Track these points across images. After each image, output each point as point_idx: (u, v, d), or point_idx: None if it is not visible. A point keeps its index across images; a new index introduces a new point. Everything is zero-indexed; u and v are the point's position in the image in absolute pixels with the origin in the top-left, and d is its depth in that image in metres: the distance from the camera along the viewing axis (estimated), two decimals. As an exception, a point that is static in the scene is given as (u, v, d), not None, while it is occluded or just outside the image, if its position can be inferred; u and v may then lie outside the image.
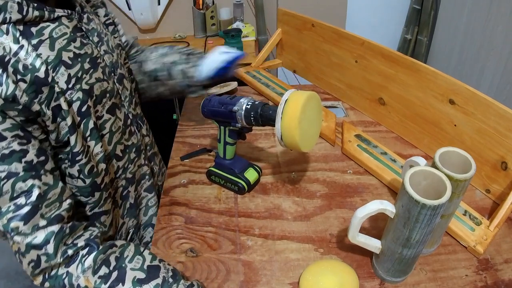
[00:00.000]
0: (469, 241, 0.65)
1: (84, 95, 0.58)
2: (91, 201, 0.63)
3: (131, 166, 0.73)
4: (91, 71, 0.60)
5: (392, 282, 0.60)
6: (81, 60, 0.58)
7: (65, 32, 0.56)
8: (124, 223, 0.74)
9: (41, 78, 0.51)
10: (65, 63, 0.55)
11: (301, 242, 0.68)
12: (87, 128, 0.60)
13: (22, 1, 0.50)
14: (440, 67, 0.84)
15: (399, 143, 0.93)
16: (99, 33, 0.65)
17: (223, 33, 1.81)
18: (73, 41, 0.57)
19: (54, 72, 0.53)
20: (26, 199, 0.49)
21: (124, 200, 0.73)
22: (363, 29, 2.26)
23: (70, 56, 0.56)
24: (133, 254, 0.56)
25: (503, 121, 0.69)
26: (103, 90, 0.62)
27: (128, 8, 1.98)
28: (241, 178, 0.78)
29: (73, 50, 0.57)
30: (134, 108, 0.75)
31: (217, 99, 0.73)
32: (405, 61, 0.85)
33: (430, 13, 2.03)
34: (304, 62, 1.19)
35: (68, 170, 0.59)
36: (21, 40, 0.50)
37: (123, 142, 0.69)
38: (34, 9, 0.51)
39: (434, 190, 0.52)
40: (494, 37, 1.62)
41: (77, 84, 0.57)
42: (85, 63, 0.59)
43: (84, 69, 0.58)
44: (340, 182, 0.82)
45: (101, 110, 0.63)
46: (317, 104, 0.67)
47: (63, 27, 0.56)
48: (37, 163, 0.51)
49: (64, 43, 0.56)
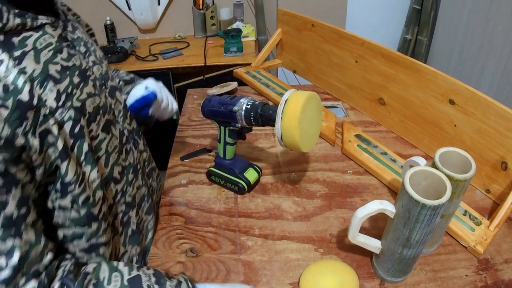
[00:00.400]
0: (469, 241, 0.65)
1: (76, 114, 0.51)
2: (87, 232, 0.55)
3: (130, 188, 0.65)
4: (82, 86, 0.53)
5: (392, 282, 0.60)
6: (70, 73, 0.51)
7: (50, 42, 0.49)
8: (126, 252, 0.65)
9: (24, 101, 0.44)
10: (53, 78, 0.48)
11: (301, 242, 0.68)
12: (81, 152, 0.52)
13: (1, 7, 0.44)
14: (440, 67, 0.84)
15: (399, 143, 0.93)
16: (86, 42, 0.58)
17: (223, 33, 1.81)
18: (59, 52, 0.50)
19: (41, 89, 0.46)
20: (7, 260, 0.43)
21: (125, 227, 0.64)
22: (363, 29, 2.26)
23: (57, 69, 0.49)
24: (109, 273, 0.51)
25: (503, 121, 0.69)
26: (95, 106, 0.55)
27: (128, 8, 1.98)
28: (241, 178, 0.78)
29: (60, 62, 0.50)
30: (129, 123, 0.68)
31: (217, 99, 0.73)
32: (405, 61, 0.85)
33: (430, 13, 2.03)
34: (304, 62, 1.19)
35: (59, 202, 0.51)
36: (0, 53, 0.43)
37: (120, 163, 0.62)
38: (16, 16, 0.45)
39: (434, 190, 0.52)
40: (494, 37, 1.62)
41: (68, 101, 0.50)
42: (75, 76, 0.52)
43: (74, 84, 0.51)
44: (340, 182, 0.82)
45: (96, 129, 0.56)
46: (317, 104, 0.67)
47: (48, 37, 0.49)
48: (18, 217, 0.44)
49: (50, 54, 0.49)
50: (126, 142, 0.65)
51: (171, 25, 2.09)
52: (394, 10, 2.23)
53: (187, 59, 1.85)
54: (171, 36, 2.10)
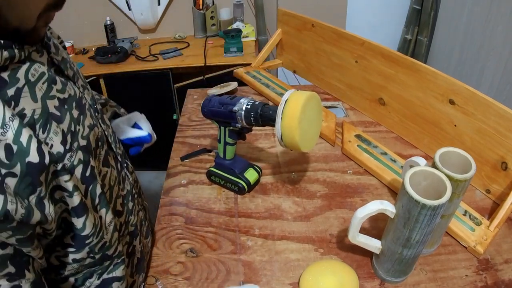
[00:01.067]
0: (469, 241, 0.65)
1: (84, 155, 0.44)
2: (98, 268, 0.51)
3: (132, 217, 0.59)
4: (82, 119, 0.46)
5: (392, 282, 0.60)
6: (68, 107, 0.44)
7: (42, 72, 0.41)
8: (135, 282, 0.61)
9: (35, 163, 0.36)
10: (55, 117, 0.41)
11: (301, 243, 0.68)
12: (95, 195, 0.46)
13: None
14: (440, 67, 0.84)
15: (399, 143, 0.93)
16: (70, 62, 0.51)
17: (223, 33, 1.81)
18: (53, 82, 0.43)
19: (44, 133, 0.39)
20: None
21: (131, 257, 0.59)
22: (363, 29, 2.25)
23: (56, 105, 0.42)
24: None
25: (503, 121, 0.69)
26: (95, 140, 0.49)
27: (128, 8, 1.98)
28: (241, 178, 0.78)
29: (57, 95, 0.42)
30: (119, 147, 0.61)
31: (217, 99, 0.73)
32: (405, 61, 0.85)
33: (430, 13, 2.03)
34: (304, 62, 1.19)
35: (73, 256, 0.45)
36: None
37: (120, 194, 0.56)
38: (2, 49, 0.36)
39: (434, 190, 0.52)
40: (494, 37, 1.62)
41: (74, 142, 0.43)
42: (73, 110, 0.45)
43: (74, 119, 0.44)
44: (340, 182, 0.82)
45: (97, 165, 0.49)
46: (317, 104, 0.67)
47: (38, 66, 0.41)
48: None
49: (45, 87, 0.41)
50: (121, 169, 0.59)
51: (171, 25, 2.10)
52: (394, 10, 2.23)
53: (187, 59, 1.85)
54: (171, 36, 2.10)
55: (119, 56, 1.82)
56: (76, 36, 2.03)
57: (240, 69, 1.27)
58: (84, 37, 2.06)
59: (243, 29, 1.96)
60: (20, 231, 0.35)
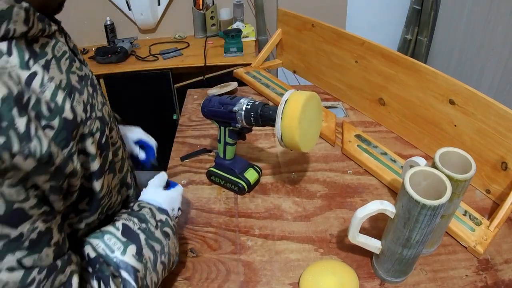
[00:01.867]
0: (469, 241, 0.65)
1: (101, 124, 0.49)
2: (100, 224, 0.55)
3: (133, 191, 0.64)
4: (95, 95, 0.51)
5: (392, 282, 0.60)
6: (85, 83, 0.49)
7: (65, 51, 0.46)
8: None
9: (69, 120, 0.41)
10: (77, 88, 0.46)
11: (301, 243, 0.68)
12: (106, 161, 0.51)
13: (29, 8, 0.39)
14: (440, 68, 0.84)
15: (399, 143, 0.93)
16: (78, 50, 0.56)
17: (223, 33, 1.81)
18: (73, 61, 0.48)
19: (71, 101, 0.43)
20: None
21: None
22: (363, 29, 2.25)
23: (77, 80, 0.47)
24: (104, 243, 0.49)
25: (503, 121, 0.69)
26: (109, 114, 0.55)
27: (128, 8, 1.98)
28: (241, 179, 0.78)
29: (76, 72, 0.48)
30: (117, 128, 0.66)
31: (217, 99, 0.73)
32: (405, 62, 0.85)
33: (430, 13, 2.03)
34: (304, 62, 1.19)
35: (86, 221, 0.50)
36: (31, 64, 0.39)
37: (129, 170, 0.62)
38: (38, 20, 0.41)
39: (434, 191, 0.52)
40: (494, 37, 1.62)
41: (93, 112, 0.48)
42: (88, 86, 0.50)
43: (90, 94, 0.49)
44: (340, 182, 0.82)
45: (115, 136, 0.55)
46: (317, 104, 0.67)
47: (61, 44, 0.46)
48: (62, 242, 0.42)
49: (67, 63, 0.46)
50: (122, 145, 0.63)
51: (171, 25, 2.09)
52: (394, 10, 2.23)
53: (187, 59, 1.85)
54: (171, 36, 2.10)
55: (119, 56, 1.82)
56: (76, 36, 2.01)
57: (240, 69, 1.27)
58: (84, 37, 2.06)
59: (243, 29, 1.96)
60: (55, 178, 0.39)
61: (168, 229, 0.56)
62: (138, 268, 0.48)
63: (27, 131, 0.35)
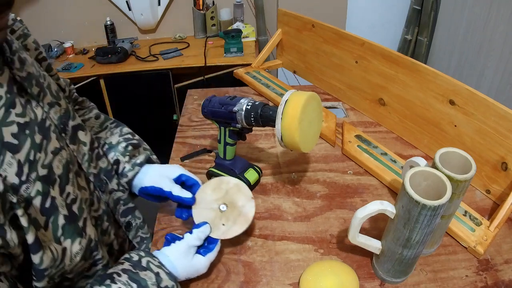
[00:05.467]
0: (469, 242, 0.65)
1: (44, 185, 0.42)
2: None
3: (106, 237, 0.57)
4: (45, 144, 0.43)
5: (392, 282, 0.60)
6: (29, 132, 0.41)
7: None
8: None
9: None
10: (10, 146, 0.38)
11: (301, 243, 0.68)
12: (57, 227, 0.44)
13: None
14: (440, 68, 0.84)
15: (399, 143, 0.93)
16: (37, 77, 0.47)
17: (223, 33, 1.81)
18: (12, 106, 0.40)
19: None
20: None
21: None
22: (363, 29, 2.26)
23: (14, 132, 0.39)
24: None
25: (503, 122, 0.69)
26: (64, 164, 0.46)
27: (128, 8, 1.98)
28: (241, 179, 0.78)
29: (16, 121, 0.40)
30: (95, 166, 0.57)
31: (217, 99, 0.73)
32: (405, 62, 0.85)
33: (430, 14, 2.03)
34: (304, 62, 1.19)
35: (35, 284, 0.43)
36: None
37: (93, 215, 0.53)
38: None
39: (434, 191, 0.52)
40: (494, 37, 1.62)
41: (32, 172, 0.40)
42: (36, 135, 0.42)
43: (36, 145, 0.41)
44: (340, 182, 0.82)
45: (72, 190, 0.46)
46: (317, 105, 0.67)
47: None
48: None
49: (1, 114, 0.38)
50: (94, 189, 0.56)
51: (171, 25, 2.10)
52: (394, 11, 2.23)
53: (187, 59, 1.85)
54: (171, 37, 2.10)
55: (119, 57, 1.82)
56: (76, 36, 2.03)
57: (240, 70, 1.27)
58: (84, 37, 2.06)
59: (243, 29, 1.97)
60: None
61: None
62: None
63: None
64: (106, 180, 0.60)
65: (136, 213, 0.68)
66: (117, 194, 0.63)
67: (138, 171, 0.66)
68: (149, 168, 0.68)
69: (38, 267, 0.42)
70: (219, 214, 0.63)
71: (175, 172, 0.67)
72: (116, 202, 0.63)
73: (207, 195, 0.65)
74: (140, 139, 0.74)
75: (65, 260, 0.45)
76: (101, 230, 0.56)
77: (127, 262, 0.50)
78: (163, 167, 0.68)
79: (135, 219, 0.67)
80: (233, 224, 0.61)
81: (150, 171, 0.67)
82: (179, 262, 0.53)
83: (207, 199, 0.64)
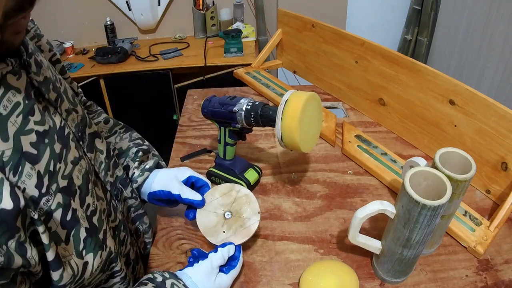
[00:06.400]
0: (469, 242, 0.65)
1: (64, 197, 0.40)
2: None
3: (123, 248, 0.55)
4: (65, 153, 0.41)
5: (392, 282, 0.60)
6: (49, 141, 0.39)
7: (17, 102, 0.36)
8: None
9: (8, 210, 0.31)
10: (29, 156, 0.36)
11: (301, 243, 0.68)
12: (79, 241, 0.41)
13: None
14: (440, 68, 0.84)
15: (399, 143, 0.93)
16: (54, 82, 0.44)
17: (223, 33, 1.81)
18: (30, 113, 0.37)
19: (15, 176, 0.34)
20: None
21: None
22: (363, 29, 2.26)
23: (32, 141, 0.37)
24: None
25: (503, 122, 0.69)
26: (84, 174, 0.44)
27: (128, 8, 1.98)
28: (241, 179, 0.78)
29: (35, 129, 0.37)
30: (111, 174, 0.55)
31: (217, 99, 0.73)
32: (405, 62, 0.85)
33: (430, 14, 2.03)
34: (304, 62, 1.19)
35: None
36: None
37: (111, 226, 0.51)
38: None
39: (434, 191, 0.52)
40: (494, 38, 1.62)
41: (53, 183, 0.38)
42: (55, 144, 0.40)
43: (55, 155, 0.39)
44: (340, 182, 0.82)
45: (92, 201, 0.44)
46: (317, 105, 0.67)
47: (12, 93, 0.35)
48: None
49: (19, 121, 0.35)
50: (110, 199, 0.54)
51: (171, 25, 2.10)
52: (394, 11, 2.23)
53: (187, 59, 1.85)
54: (171, 37, 2.10)
55: (119, 57, 1.82)
56: (76, 36, 2.03)
57: (240, 70, 1.27)
58: (84, 37, 2.06)
59: (243, 29, 1.97)
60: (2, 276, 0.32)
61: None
62: None
63: None
64: (122, 188, 0.59)
65: (144, 219, 0.67)
66: (129, 201, 0.62)
67: (147, 177, 0.66)
68: (157, 173, 0.67)
69: (57, 284, 0.40)
70: (222, 220, 0.62)
71: (184, 174, 0.66)
72: (128, 209, 0.62)
73: (214, 199, 0.64)
74: (150, 145, 0.73)
75: (85, 275, 0.43)
76: (118, 240, 0.54)
77: (150, 283, 0.49)
78: (172, 170, 0.68)
79: (142, 225, 0.66)
80: (233, 234, 0.61)
81: (158, 175, 0.67)
82: (203, 283, 0.52)
83: (214, 203, 0.64)
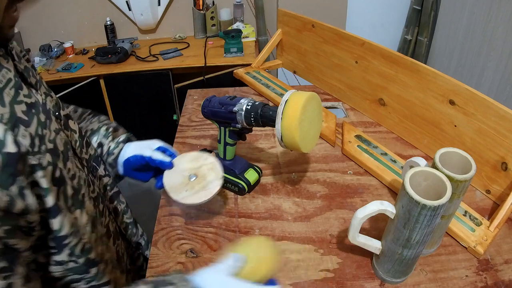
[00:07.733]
0: (469, 242, 0.65)
1: (53, 157, 0.45)
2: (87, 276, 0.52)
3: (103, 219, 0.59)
4: (48, 123, 0.47)
5: (392, 282, 0.60)
6: (35, 111, 0.45)
7: (9, 78, 0.43)
8: None
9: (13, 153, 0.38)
10: (22, 121, 0.42)
11: (302, 243, 0.68)
12: (67, 197, 0.47)
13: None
14: (440, 68, 0.84)
15: (399, 143, 0.93)
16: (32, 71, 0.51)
17: (223, 33, 1.81)
18: (20, 88, 0.44)
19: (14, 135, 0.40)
20: None
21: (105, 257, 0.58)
22: (363, 29, 2.26)
23: (23, 110, 0.43)
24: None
25: (503, 122, 0.69)
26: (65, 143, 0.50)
27: (128, 8, 1.98)
28: (241, 179, 0.78)
29: (24, 100, 0.44)
30: (86, 151, 0.61)
31: (217, 99, 0.73)
32: (405, 62, 0.85)
33: (430, 14, 2.03)
34: (304, 62, 1.19)
35: (55, 258, 0.47)
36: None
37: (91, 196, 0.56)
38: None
39: (434, 191, 0.52)
40: (494, 38, 1.62)
41: (42, 145, 0.44)
42: (40, 114, 0.46)
43: (41, 123, 0.45)
44: (340, 182, 0.82)
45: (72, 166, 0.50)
46: (317, 105, 0.67)
47: (5, 71, 0.43)
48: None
49: (12, 93, 0.42)
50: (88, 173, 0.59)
51: (171, 25, 2.10)
52: (394, 11, 2.23)
53: (187, 59, 1.85)
54: (171, 37, 2.10)
55: (119, 57, 1.83)
56: (76, 36, 2.03)
57: (240, 70, 1.27)
58: (84, 37, 2.06)
59: (243, 29, 1.97)
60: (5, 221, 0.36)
61: None
62: None
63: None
64: (96, 166, 0.64)
65: (120, 197, 0.71)
66: (104, 180, 0.67)
67: (122, 148, 0.72)
68: (130, 144, 0.73)
69: (58, 234, 0.45)
70: (186, 181, 0.66)
71: (155, 144, 0.72)
72: (104, 188, 0.66)
73: (182, 163, 0.68)
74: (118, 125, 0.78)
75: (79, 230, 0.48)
76: (98, 211, 0.58)
77: None
78: (143, 141, 0.74)
79: (120, 203, 0.70)
80: (194, 194, 0.64)
81: (132, 145, 0.72)
82: None
83: (181, 166, 0.68)
